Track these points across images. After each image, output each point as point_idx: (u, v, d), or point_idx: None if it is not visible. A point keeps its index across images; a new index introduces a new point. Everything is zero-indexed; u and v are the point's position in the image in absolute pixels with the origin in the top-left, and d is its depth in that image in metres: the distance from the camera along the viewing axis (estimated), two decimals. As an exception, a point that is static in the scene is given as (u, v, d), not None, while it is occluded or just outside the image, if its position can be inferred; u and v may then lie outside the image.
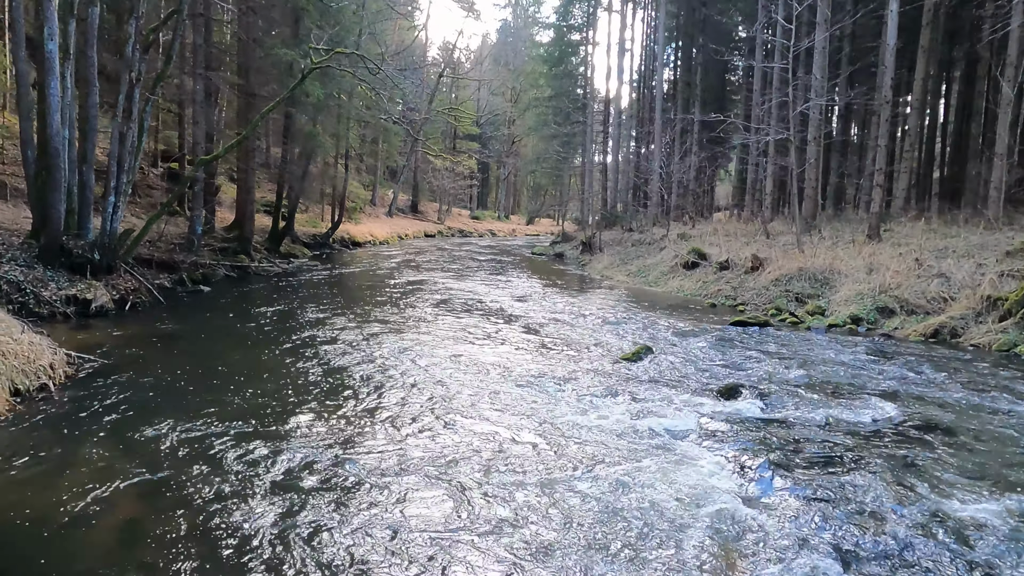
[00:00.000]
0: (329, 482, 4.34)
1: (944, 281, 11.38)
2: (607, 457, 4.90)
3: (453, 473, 4.55)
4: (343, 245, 28.12)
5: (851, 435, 5.41)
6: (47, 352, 6.28)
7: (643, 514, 3.98)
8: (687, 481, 4.48)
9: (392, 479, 4.42)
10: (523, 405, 6.18)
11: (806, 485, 4.33)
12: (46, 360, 6.13)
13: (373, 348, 8.46)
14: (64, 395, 5.87)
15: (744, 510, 4.06)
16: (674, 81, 33.28)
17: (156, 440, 4.97)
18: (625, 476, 4.53)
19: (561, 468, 4.70)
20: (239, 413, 5.68)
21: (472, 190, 59.29)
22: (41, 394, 5.81)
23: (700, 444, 5.24)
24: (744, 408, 6.18)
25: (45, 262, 9.98)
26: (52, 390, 5.90)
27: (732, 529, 3.83)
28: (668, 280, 16.64)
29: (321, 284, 15.12)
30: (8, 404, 5.29)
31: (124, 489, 4.15)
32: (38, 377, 5.89)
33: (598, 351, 8.77)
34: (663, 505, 4.10)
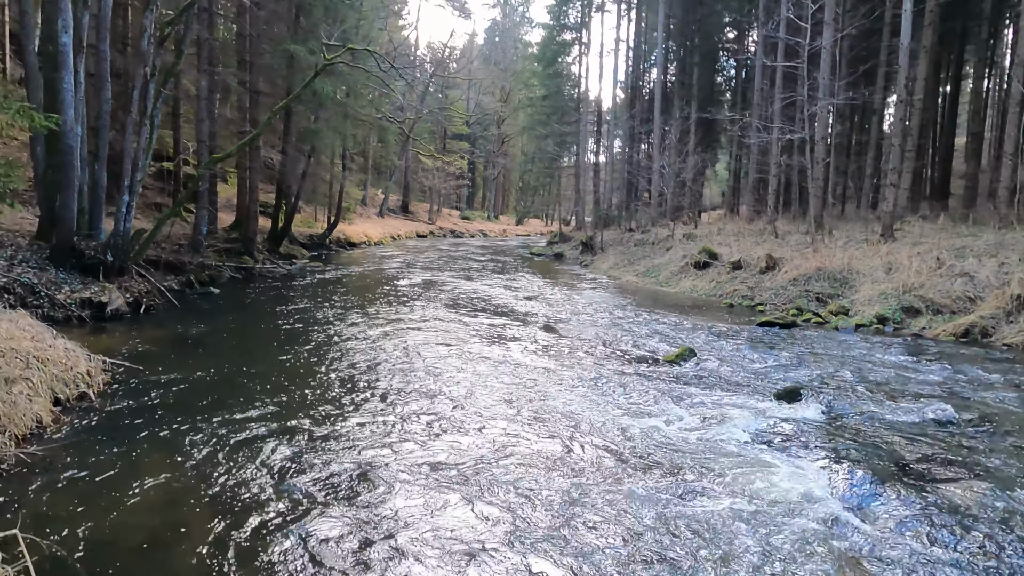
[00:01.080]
0: (385, 487, 4.11)
1: (968, 280, 11.36)
2: (681, 465, 4.71)
3: (517, 484, 4.33)
4: (339, 246, 27.75)
5: (926, 437, 5.28)
6: (82, 359, 5.96)
7: (736, 526, 3.80)
8: (777, 490, 4.31)
9: (451, 484, 4.20)
10: (579, 410, 5.98)
11: (908, 493, 4.17)
12: (83, 367, 5.82)
13: (399, 350, 8.22)
14: (106, 403, 5.57)
15: (852, 521, 3.89)
16: (664, 81, 33.19)
17: (207, 447, 4.72)
18: (707, 485, 4.35)
19: (632, 478, 4.50)
20: (279, 414, 5.52)
21: (462, 190, 59.00)
22: (82, 403, 5.50)
23: (776, 449, 5.07)
24: (809, 411, 6.03)
25: (56, 264, 9.61)
26: (93, 398, 5.60)
27: (845, 541, 3.66)
28: (680, 280, 16.53)
29: (330, 286, 14.80)
30: (52, 415, 4.99)
31: (194, 502, 3.89)
32: (76, 385, 5.58)
33: (637, 353, 8.59)
34: (755, 517, 3.92)
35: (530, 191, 68.81)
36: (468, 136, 57.42)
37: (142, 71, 9.78)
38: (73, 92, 9.12)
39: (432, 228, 45.65)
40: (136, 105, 9.77)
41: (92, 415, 5.28)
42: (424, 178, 48.51)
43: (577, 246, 27.54)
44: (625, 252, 22.21)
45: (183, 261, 13.33)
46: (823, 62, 17.13)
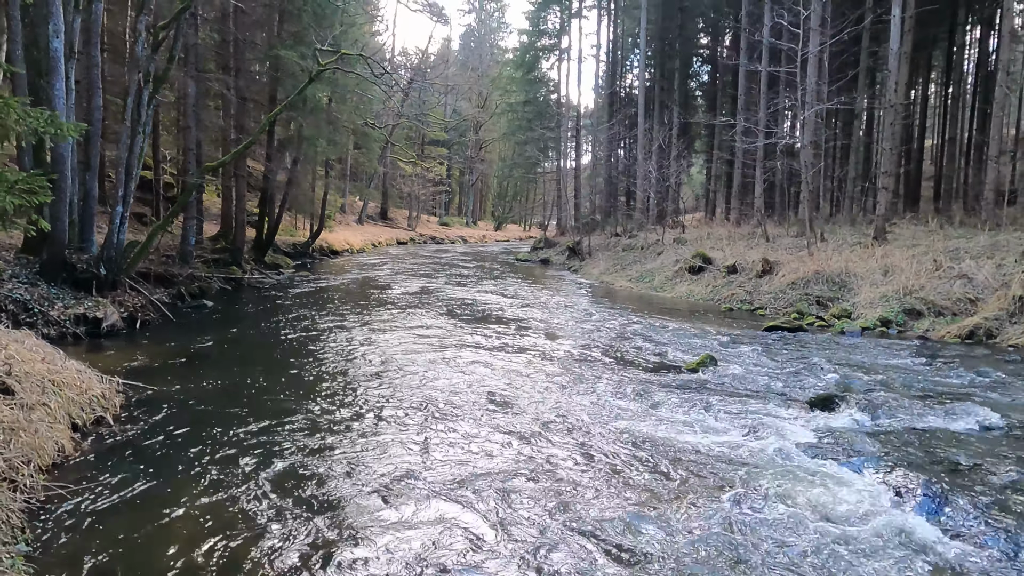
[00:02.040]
0: (418, 509, 3.91)
1: (967, 282, 11.50)
2: (732, 479, 4.58)
3: (568, 506, 4.16)
4: (322, 254, 27.28)
5: (976, 443, 5.24)
6: (95, 381, 5.64)
7: (809, 540, 3.68)
8: (841, 501, 4.20)
9: (483, 499, 4.02)
10: (611, 423, 5.82)
11: (979, 502, 4.09)
12: (97, 389, 5.51)
13: (405, 361, 7.99)
14: (124, 428, 5.26)
15: (933, 533, 3.80)
16: (647, 86, 33.38)
17: (233, 470, 4.46)
18: (766, 499, 4.23)
19: (686, 494, 4.36)
20: (296, 431, 5.34)
21: (440, 196, 58.71)
22: (100, 428, 5.19)
23: (826, 459, 4.97)
24: (848, 419, 5.96)
25: (47, 279, 9.19)
26: (110, 422, 5.28)
27: (935, 556, 3.56)
28: (675, 285, 16.52)
29: (322, 296, 14.47)
30: (73, 442, 4.68)
31: (229, 531, 3.64)
32: (93, 409, 5.27)
33: (654, 361, 8.48)
34: (827, 530, 3.81)
35: (507, 197, 68.78)
36: (446, 142, 57.18)
37: (136, 78, 9.42)
38: (64, 99, 8.74)
39: (412, 235, 45.26)
40: (130, 113, 9.39)
41: (112, 441, 4.98)
42: (403, 184, 48.07)
43: (563, 251, 27.47)
44: (614, 257, 22.19)
45: (173, 273, 12.91)
46: (810, 68, 17.32)
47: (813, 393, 6.79)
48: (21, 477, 3.88)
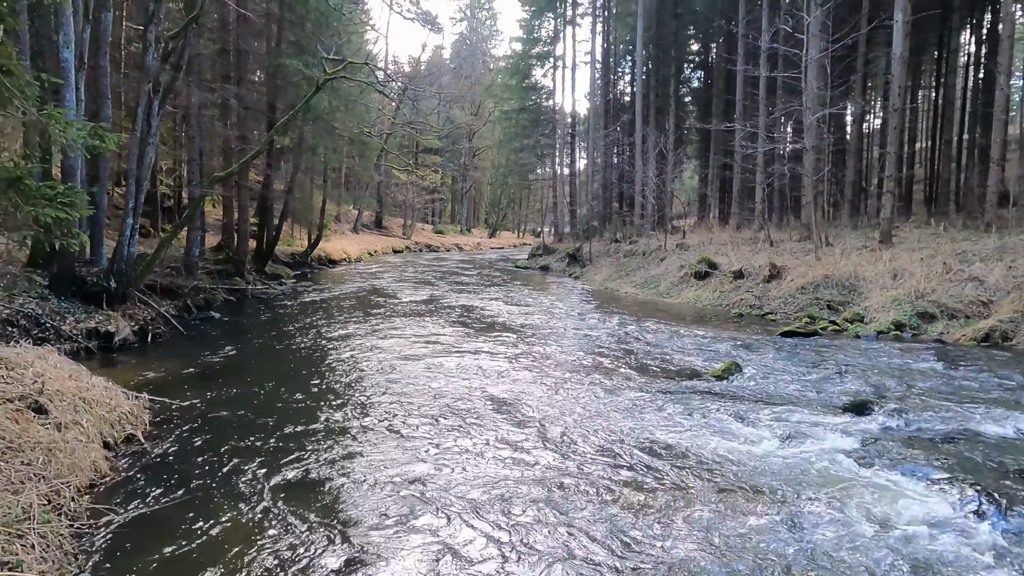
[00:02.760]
0: (459, 527, 3.82)
1: (978, 285, 11.52)
2: (779, 488, 4.51)
3: (613, 520, 4.08)
4: (321, 264, 27.11)
5: (1020, 449, 5.20)
6: (122, 397, 5.51)
7: (870, 552, 3.61)
8: (895, 511, 4.14)
9: (521, 512, 3.93)
10: (645, 433, 5.74)
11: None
12: (126, 406, 5.37)
13: (421, 371, 7.89)
14: (155, 446, 5.13)
15: (998, 542, 3.73)
16: (644, 92, 33.48)
17: (270, 487, 4.34)
18: (817, 509, 4.17)
19: (736, 505, 4.28)
20: (327, 444, 5.23)
21: (435, 205, 58.64)
22: (131, 446, 5.05)
23: (872, 467, 4.90)
24: (886, 424, 5.90)
25: (57, 293, 9.02)
26: (141, 440, 5.15)
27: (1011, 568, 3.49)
28: (681, 291, 16.49)
29: (328, 306, 14.33)
30: (108, 462, 4.55)
31: (274, 551, 3.53)
32: (123, 427, 5.13)
33: (675, 368, 8.42)
34: (886, 542, 3.74)
35: (501, 204, 68.80)
36: (439, 150, 57.13)
37: (146, 88, 9.29)
38: (75, 109, 8.60)
39: (408, 243, 45.11)
40: (140, 123, 9.26)
41: (145, 459, 4.85)
42: (398, 193, 47.97)
43: (563, 258, 27.43)
44: (616, 263, 22.16)
45: (178, 285, 12.74)
46: (811, 73, 17.40)
47: (843, 399, 6.76)
48: (63, 500, 3.75)
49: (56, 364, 5.47)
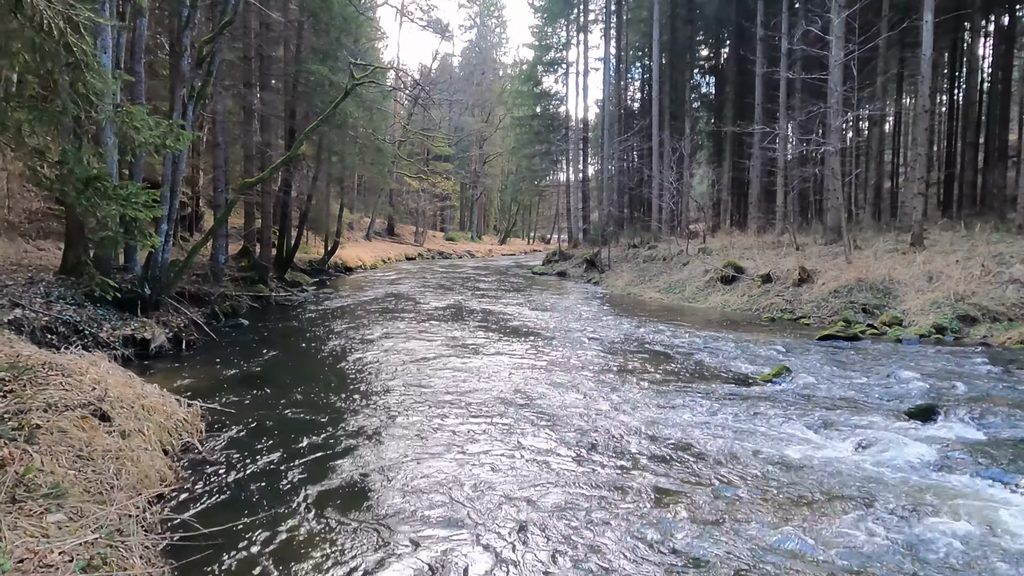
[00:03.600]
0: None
1: (1020, 287, 11.31)
2: (874, 495, 4.34)
3: (690, 521, 3.92)
4: (337, 271, 27.08)
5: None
6: (175, 404, 5.39)
7: (980, 558, 3.43)
8: (998, 519, 3.96)
9: (599, 533, 3.77)
10: (709, 438, 5.57)
11: None
12: (181, 414, 5.25)
13: (464, 377, 7.74)
14: (213, 454, 5.00)
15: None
16: (661, 97, 33.40)
17: (337, 496, 4.19)
18: (925, 518, 3.99)
19: (833, 514, 4.12)
20: (385, 451, 4.98)
21: (447, 212, 58.67)
22: (190, 454, 4.93)
23: (961, 474, 4.73)
24: (954, 430, 5.72)
25: (92, 299, 8.93)
26: (199, 448, 5.02)
27: None
28: (708, 296, 16.31)
29: (354, 312, 14.20)
30: (171, 471, 4.42)
31: (353, 553, 3.39)
32: (180, 434, 5.01)
33: (724, 374, 8.24)
34: (994, 550, 3.57)
35: (511, 211, 68.76)
36: (449, 157, 57.16)
37: (180, 93, 9.22)
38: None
39: (420, 250, 45.07)
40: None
41: (206, 468, 4.71)
42: (410, 200, 47.94)
43: (580, 264, 27.26)
44: (637, 268, 21.98)
45: (206, 292, 12.65)
46: (834, 75, 17.25)
47: (903, 403, 6.58)
48: (138, 511, 3.62)
49: (108, 371, 5.35)
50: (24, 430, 3.84)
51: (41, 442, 3.76)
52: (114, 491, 3.60)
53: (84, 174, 3.83)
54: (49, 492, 2.97)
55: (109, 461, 3.83)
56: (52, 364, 5.03)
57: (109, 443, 4.04)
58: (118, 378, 5.19)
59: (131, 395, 4.84)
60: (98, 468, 3.71)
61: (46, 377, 4.78)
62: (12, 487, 2.86)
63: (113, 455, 3.92)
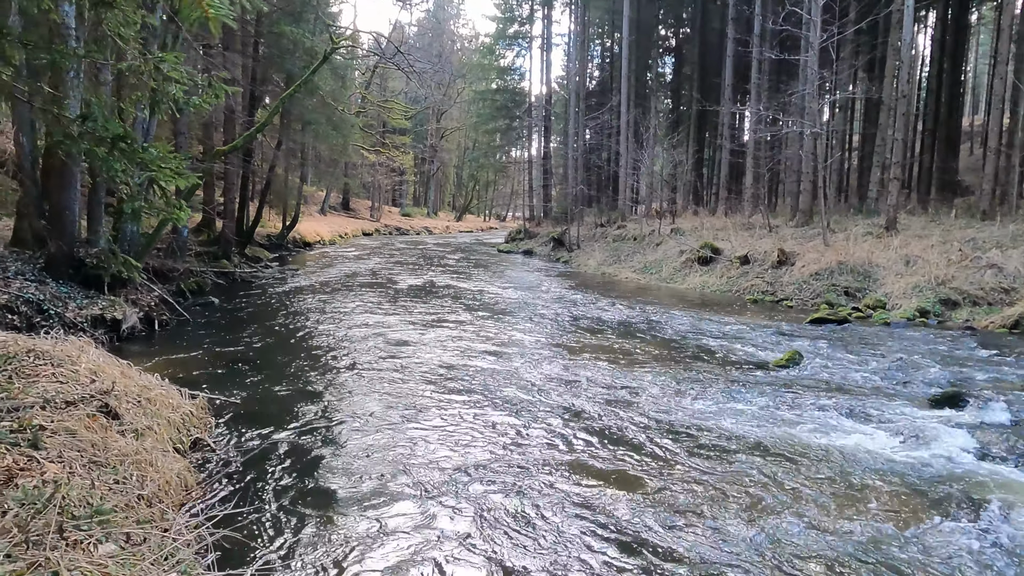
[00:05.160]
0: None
1: (998, 272, 11.57)
2: (926, 491, 4.21)
3: (746, 522, 3.71)
4: (296, 246, 26.09)
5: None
6: (178, 395, 4.85)
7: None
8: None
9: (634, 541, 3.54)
10: (739, 425, 5.38)
11: None
12: (186, 407, 4.72)
13: (463, 359, 7.38)
14: (228, 451, 4.50)
15: None
16: (630, 74, 33.14)
17: (358, 487, 3.81)
18: (985, 513, 3.86)
19: (896, 508, 3.96)
20: (391, 435, 4.58)
21: (403, 187, 57.41)
22: (201, 452, 4.42)
23: (1006, 464, 4.65)
24: (987, 417, 5.67)
25: (54, 275, 8.13)
26: (210, 444, 4.52)
27: None
28: (685, 276, 16.27)
29: (327, 290, 13.55)
30: (190, 473, 3.92)
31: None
32: (188, 430, 4.49)
33: (733, 358, 8.10)
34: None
35: (467, 188, 67.85)
36: (406, 130, 55.76)
37: (153, 50, 8.38)
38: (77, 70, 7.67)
39: (377, 226, 44.00)
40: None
41: (224, 469, 4.22)
42: (366, 173, 46.59)
43: (547, 242, 26.98)
44: (608, 248, 21.84)
45: (171, 268, 11.85)
46: (810, 59, 17.28)
47: (923, 389, 6.55)
48: (168, 523, 3.14)
49: (99, 358, 4.76)
50: (26, 432, 3.30)
51: (49, 447, 3.23)
52: (142, 504, 3.12)
53: (106, 132, 3.24)
54: (91, 516, 2.48)
55: (129, 467, 3.33)
56: (37, 351, 4.42)
57: (123, 445, 3.53)
58: (114, 367, 4.61)
59: (134, 387, 4.29)
60: (119, 477, 3.21)
61: (34, 367, 4.19)
62: (58, 513, 2.36)
63: (132, 460, 3.41)
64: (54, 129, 3.40)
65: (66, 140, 3.27)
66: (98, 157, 3.31)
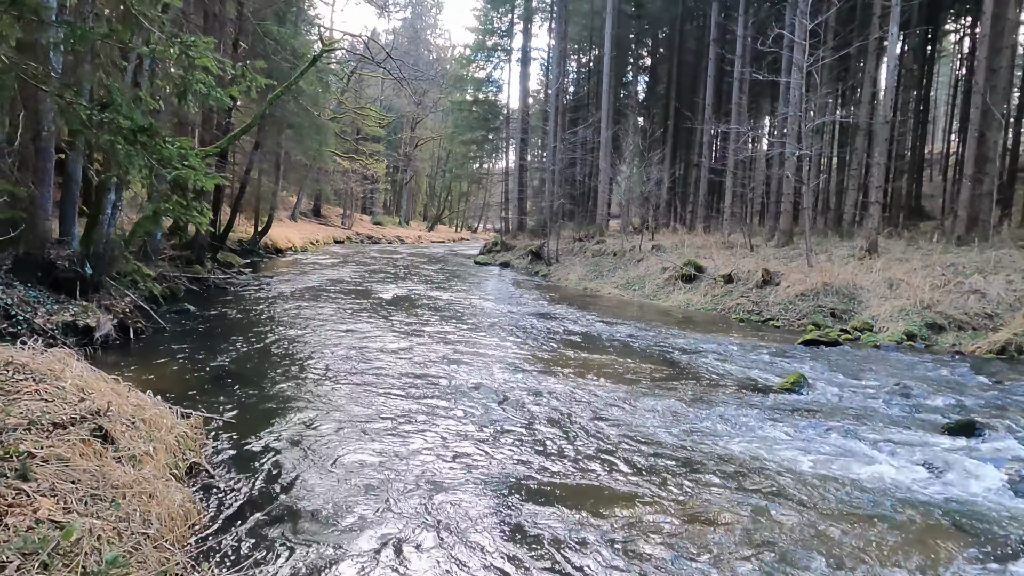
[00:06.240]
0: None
1: (981, 297, 11.72)
2: (965, 529, 4.06)
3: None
4: (268, 253, 25.43)
5: None
6: (170, 415, 4.45)
7: None
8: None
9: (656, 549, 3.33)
10: (763, 453, 5.20)
11: None
12: (180, 427, 4.32)
13: (460, 372, 7.09)
14: (227, 478, 4.11)
15: None
16: (610, 90, 33.30)
17: (369, 514, 3.50)
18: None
19: (938, 553, 3.80)
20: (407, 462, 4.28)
21: (375, 195, 56.77)
22: (198, 478, 4.03)
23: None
24: (1008, 447, 5.59)
25: (21, 278, 7.59)
26: (207, 469, 4.13)
27: None
28: (669, 294, 16.20)
29: (307, 299, 13.09)
30: (192, 505, 3.54)
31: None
32: (184, 453, 4.10)
33: (734, 380, 7.94)
34: None
35: (439, 198, 67.49)
36: (379, 138, 55.24)
37: (133, 55, 7.93)
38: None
39: (349, 234, 43.31)
40: (129, 85, 7.91)
41: (225, 499, 3.84)
42: (339, 180, 45.87)
43: (524, 255, 26.78)
44: (587, 263, 21.73)
45: (143, 273, 11.28)
46: (795, 81, 17.50)
47: (932, 417, 6.47)
48: (178, 568, 2.78)
49: (84, 372, 4.34)
50: (13, 460, 2.90)
51: (39, 477, 2.85)
52: (148, 545, 2.75)
53: (129, 124, 2.87)
54: (105, 570, 2.12)
55: (131, 501, 2.96)
56: (15, 364, 3.99)
57: (122, 474, 3.15)
58: (102, 383, 4.20)
59: (128, 407, 3.90)
60: (122, 513, 2.84)
61: (14, 383, 3.77)
62: (65, 567, 2.00)
63: (133, 492, 3.04)
64: (68, 117, 3.03)
65: (83, 130, 2.90)
66: (120, 151, 2.95)
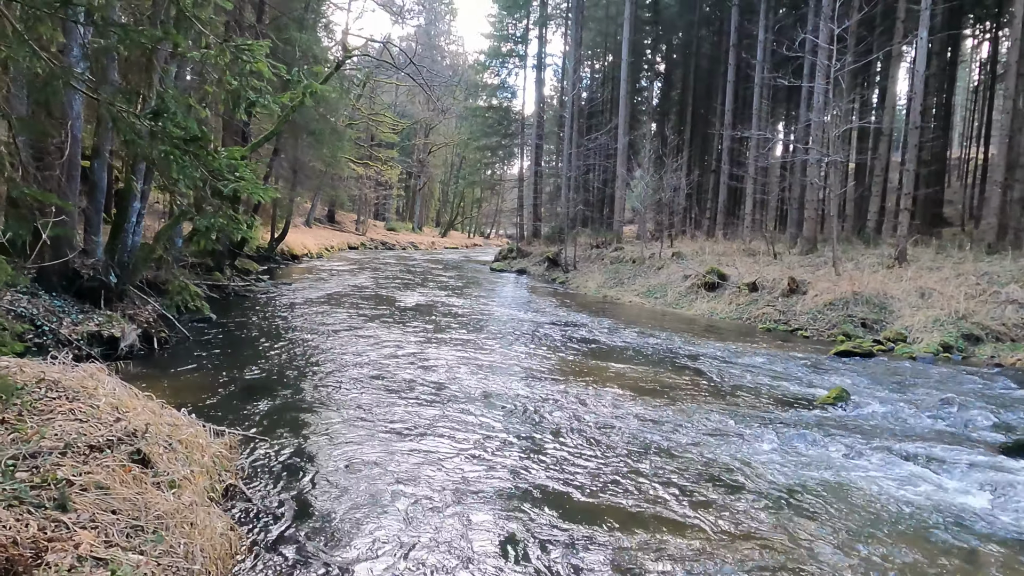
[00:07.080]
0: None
1: (1019, 307, 11.40)
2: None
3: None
4: (284, 259, 25.42)
5: None
6: (205, 434, 4.29)
7: None
8: None
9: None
10: (811, 475, 4.97)
11: None
12: (215, 447, 4.16)
13: (492, 384, 6.89)
14: (266, 502, 3.94)
15: None
16: (628, 95, 33.13)
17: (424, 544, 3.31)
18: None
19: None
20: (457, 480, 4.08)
21: (389, 201, 56.85)
22: (236, 501, 3.86)
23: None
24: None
25: (47, 288, 7.49)
26: (245, 492, 3.96)
27: None
28: (692, 302, 15.94)
29: (330, 307, 12.94)
30: (234, 534, 3.36)
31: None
32: (220, 475, 3.94)
33: (773, 393, 7.71)
34: None
35: (453, 203, 67.46)
36: (393, 144, 55.32)
37: (163, 56, 7.86)
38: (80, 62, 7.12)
39: (363, 240, 43.32)
40: (153, 90, 7.82)
41: (268, 526, 3.66)
42: (353, 186, 45.93)
43: (540, 262, 26.59)
44: (606, 270, 21.51)
45: (163, 280, 11.18)
46: (819, 87, 17.24)
47: (982, 435, 6.22)
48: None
49: (116, 389, 4.19)
50: (51, 488, 2.74)
51: (79, 507, 2.68)
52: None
53: (180, 133, 2.72)
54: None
55: (174, 532, 2.79)
56: (48, 381, 3.85)
57: (162, 502, 2.98)
58: (135, 400, 4.05)
59: (164, 427, 3.74)
60: (166, 547, 2.67)
61: (47, 401, 3.62)
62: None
63: (175, 521, 2.87)
64: (120, 127, 2.88)
65: (138, 140, 2.76)
66: (175, 163, 2.79)
